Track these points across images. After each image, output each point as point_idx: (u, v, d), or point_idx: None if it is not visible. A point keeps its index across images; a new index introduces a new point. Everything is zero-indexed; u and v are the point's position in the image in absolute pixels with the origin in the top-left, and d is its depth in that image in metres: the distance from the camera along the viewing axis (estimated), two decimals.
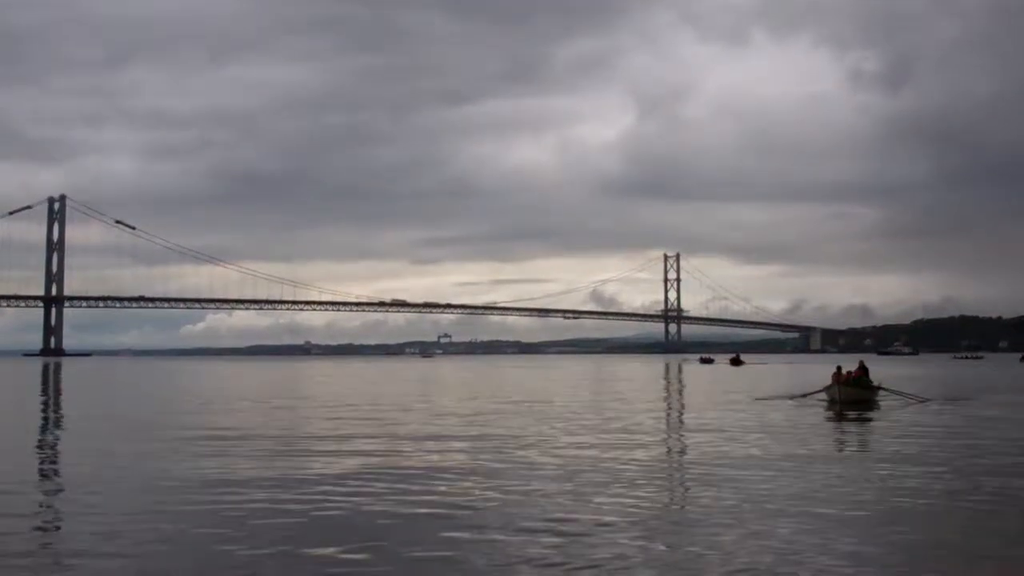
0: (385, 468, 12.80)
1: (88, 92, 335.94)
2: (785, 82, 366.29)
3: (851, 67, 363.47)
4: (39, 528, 9.33)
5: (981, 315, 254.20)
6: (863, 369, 28.11)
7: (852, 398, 25.95)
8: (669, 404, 30.20)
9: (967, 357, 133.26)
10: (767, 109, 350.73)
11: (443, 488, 11.01)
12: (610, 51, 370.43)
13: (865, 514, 9.35)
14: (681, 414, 25.49)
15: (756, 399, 29.45)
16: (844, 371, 27.74)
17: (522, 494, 10.55)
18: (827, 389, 27.41)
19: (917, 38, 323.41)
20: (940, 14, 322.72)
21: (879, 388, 27.79)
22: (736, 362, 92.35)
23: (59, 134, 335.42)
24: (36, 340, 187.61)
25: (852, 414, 23.11)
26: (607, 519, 9.04)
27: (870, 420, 21.99)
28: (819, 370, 30.63)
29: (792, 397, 28.54)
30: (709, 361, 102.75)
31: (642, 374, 61.92)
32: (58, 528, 9.42)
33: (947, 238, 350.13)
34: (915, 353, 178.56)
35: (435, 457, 14.29)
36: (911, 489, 10.84)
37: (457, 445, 16.06)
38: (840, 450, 15.99)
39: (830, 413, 23.72)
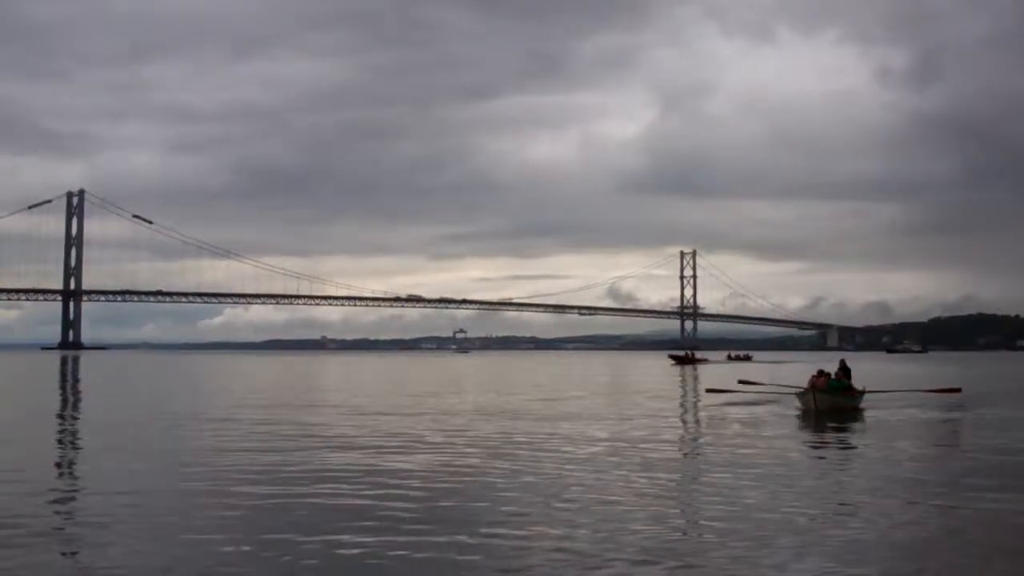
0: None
1: (110, 87, 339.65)
2: (810, 78, 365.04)
3: (877, 64, 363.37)
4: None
5: (999, 313, 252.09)
6: (844, 371, 24.56)
7: (830, 406, 22.33)
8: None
9: None
10: (791, 105, 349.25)
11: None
12: (633, 47, 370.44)
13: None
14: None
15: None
16: (825, 373, 23.95)
17: None
18: (801, 396, 23.75)
19: (944, 34, 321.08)
20: (968, 10, 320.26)
21: (863, 392, 24.34)
22: (686, 360, 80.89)
23: (81, 129, 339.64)
24: (54, 333, 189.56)
25: (830, 425, 19.62)
26: None
27: (844, 430, 19.02)
28: (810, 370, 28.28)
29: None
30: (747, 358, 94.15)
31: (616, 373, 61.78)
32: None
33: (968, 236, 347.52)
34: (924, 351, 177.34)
35: None
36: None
37: None
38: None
39: (796, 427, 19.87)
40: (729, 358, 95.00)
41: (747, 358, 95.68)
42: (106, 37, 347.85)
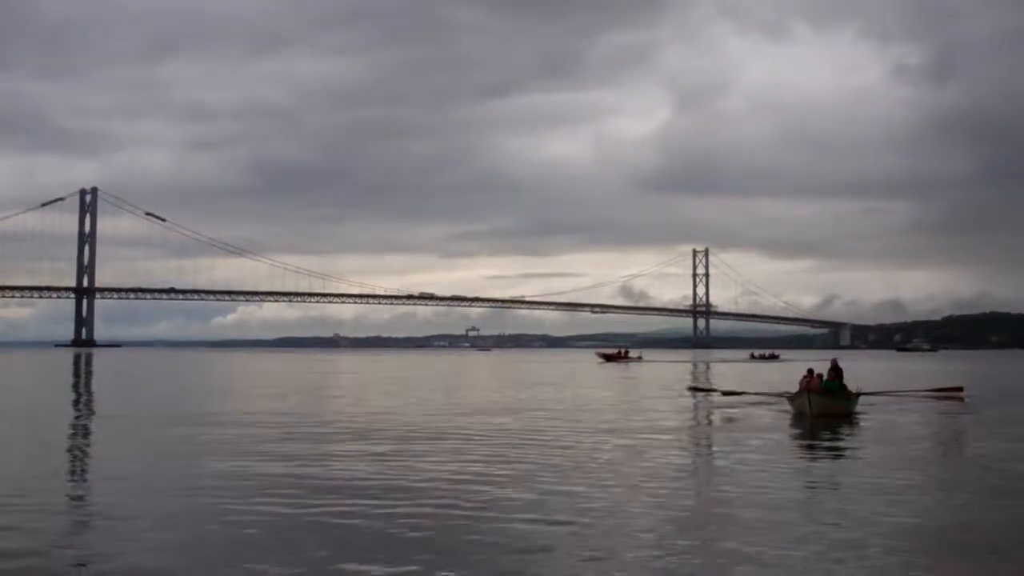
0: None
1: (125, 85, 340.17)
2: (825, 75, 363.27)
3: (894, 60, 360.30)
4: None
5: (1013, 312, 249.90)
6: (835, 371, 23.09)
7: (826, 410, 20.79)
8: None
9: None
10: (806, 103, 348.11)
11: None
12: (647, 44, 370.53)
13: None
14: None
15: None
16: (816, 374, 22.38)
17: None
18: (793, 400, 22.29)
19: (962, 31, 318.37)
20: (985, 6, 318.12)
21: (858, 394, 23.05)
22: (616, 358, 76.21)
23: (95, 127, 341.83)
24: (68, 331, 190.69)
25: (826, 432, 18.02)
26: None
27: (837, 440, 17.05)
28: (795, 370, 26.82)
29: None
30: (773, 358, 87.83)
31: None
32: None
33: (983, 234, 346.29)
34: (934, 350, 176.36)
35: None
36: None
37: None
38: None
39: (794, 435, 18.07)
40: (752, 357, 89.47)
41: (774, 357, 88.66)
42: (121, 35, 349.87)
